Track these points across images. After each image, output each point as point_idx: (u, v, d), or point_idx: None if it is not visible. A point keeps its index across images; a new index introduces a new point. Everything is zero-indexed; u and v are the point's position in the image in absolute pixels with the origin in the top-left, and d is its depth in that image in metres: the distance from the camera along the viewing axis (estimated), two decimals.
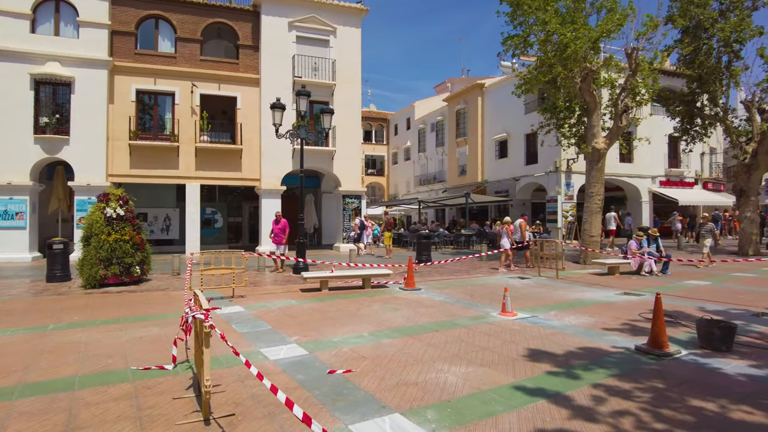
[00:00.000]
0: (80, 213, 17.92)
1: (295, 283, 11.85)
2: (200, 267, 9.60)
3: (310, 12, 20.81)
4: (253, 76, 20.40)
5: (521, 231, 15.04)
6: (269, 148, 20.06)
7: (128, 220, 11.66)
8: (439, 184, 36.32)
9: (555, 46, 15.09)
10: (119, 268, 11.25)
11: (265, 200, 19.98)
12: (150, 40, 19.65)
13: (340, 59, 21.08)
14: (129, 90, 18.89)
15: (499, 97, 30.10)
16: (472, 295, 10.02)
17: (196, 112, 19.54)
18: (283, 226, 14.08)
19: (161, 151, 19.05)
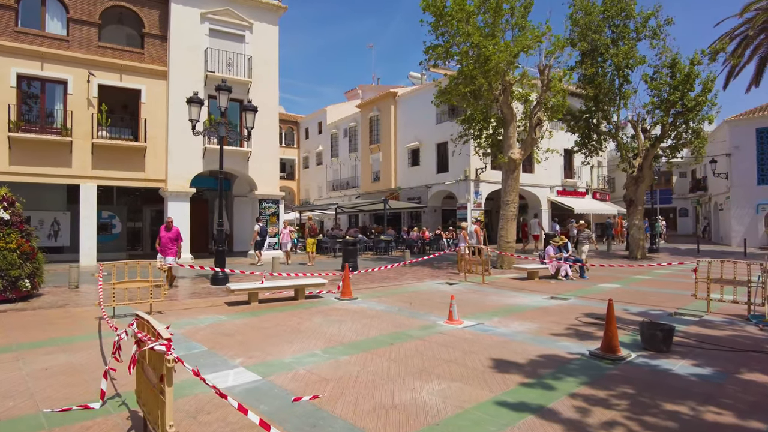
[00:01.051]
0: None
1: (217, 296, 10.91)
2: (112, 279, 8.39)
3: (225, 5, 19.61)
4: (160, 68, 18.72)
5: (477, 236, 15.33)
6: (177, 146, 18.52)
7: (15, 225, 10.00)
8: (352, 189, 36.11)
9: (477, 58, 15.57)
10: (3, 283, 9.58)
11: (171, 203, 18.36)
12: (35, 18, 17.23)
13: (256, 56, 20.08)
14: (8, 73, 16.40)
15: (412, 106, 30.68)
16: (411, 303, 9.86)
17: (94, 105, 17.48)
18: (176, 235, 11.78)
19: (50, 146, 16.75)
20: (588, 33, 19.58)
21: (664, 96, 19.13)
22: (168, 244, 11.63)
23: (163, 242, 11.65)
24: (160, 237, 11.74)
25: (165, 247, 11.65)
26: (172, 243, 11.68)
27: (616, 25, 19.76)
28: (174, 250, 11.68)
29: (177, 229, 11.92)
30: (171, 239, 11.66)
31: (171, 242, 11.66)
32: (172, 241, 11.68)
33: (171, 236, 11.67)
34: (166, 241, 11.63)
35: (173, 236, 11.71)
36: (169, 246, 11.64)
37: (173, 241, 11.69)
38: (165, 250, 11.63)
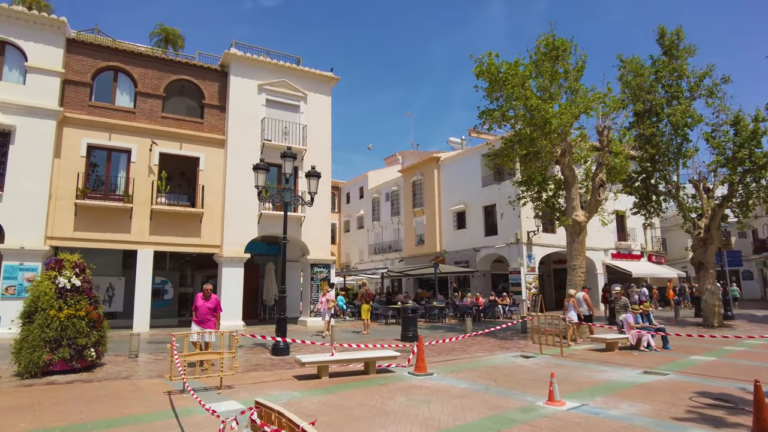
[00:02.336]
0: (8, 281, 15.40)
1: (282, 368, 10.35)
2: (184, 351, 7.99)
3: (281, 76, 20.38)
4: (219, 136, 19.30)
5: (586, 303, 14.45)
6: (233, 212, 18.67)
7: (85, 291, 9.86)
8: (395, 253, 35.66)
9: (532, 120, 15.41)
10: (70, 352, 9.30)
11: (226, 269, 18.25)
12: (107, 93, 18.19)
13: (310, 125, 20.55)
14: (79, 144, 17.12)
15: (455, 169, 30.68)
16: (495, 379, 9.03)
17: (154, 172, 17.96)
18: (215, 304, 10.24)
19: (112, 213, 17.10)
20: (641, 93, 19.35)
21: (729, 154, 18.40)
22: (206, 314, 10.12)
23: (201, 312, 10.10)
24: (197, 306, 10.17)
25: (203, 318, 10.09)
26: (211, 314, 10.18)
27: (668, 85, 19.50)
28: (213, 321, 10.15)
29: (216, 298, 10.40)
30: (210, 309, 10.16)
31: (210, 313, 10.15)
32: (211, 311, 10.18)
33: (210, 306, 10.17)
34: (205, 311, 10.11)
35: (212, 306, 10.21)
36: (208, 317, 10.12)
37: (212, 311, 10.20)
38: (203, 321, 10.06)
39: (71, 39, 17.57)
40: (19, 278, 15.58)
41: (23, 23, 16.61)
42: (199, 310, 10.10)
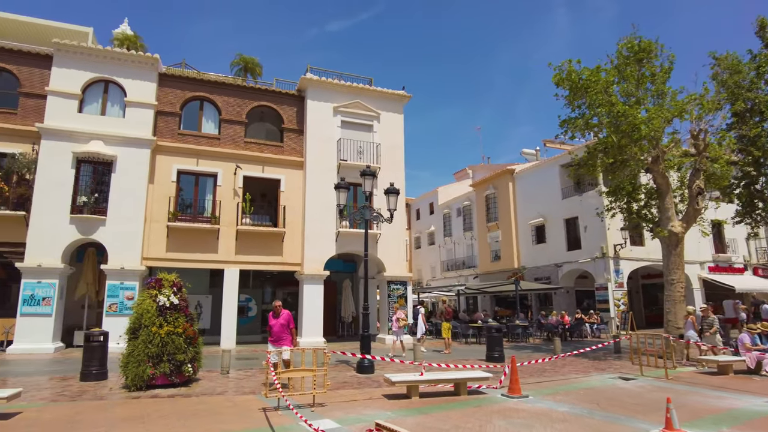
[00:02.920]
0: (111, 299, 16.57)
1: (368, 386, 10.25)
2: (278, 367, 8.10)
3: (354, 98, 20.78)
4: (297, 159, 19.93)
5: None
6: (312, 231, 19.11)
7: (182, 309, 10.33)
8: (469, 269, 34.96)
9: (617, 127, 14.57)
10: (170, 367, 9.73)
11: (307, 286, 18.64)
12: (194, 121, 19.38)
13: (384, 143, 20.74)
14: (170, 170, 18.29)
15: (532, 181, 29.73)
16: (597, 402, 8.41)
17: (239, 194, 18.80)
18: (287, 321, 10.12)
19: (200, 234, 18.04)
20: (740, 92, 17.77)
21: None
22: (281, 332, 10.07)
23: (275, 331, 10.08)
24: (271, 325, 10.16)
25: (278, 336, 10.07)
26: (285, 330, 10.13)
27: None
28: (289, 338, 10.10)
29: (288, 314, 10.25)
30: (283, 326, 10.10)
31: (284, 330, 10.11)
32: (285, 328, 10.12)
33: (282, 322, 10.09)
34: (279, 328, 10.06)
35: (284, 322, 10.11)
36: (283, 334, 10.10)
37: (285, 327, 10.14)
38: (278, 339, 10.04)
39: (162, 73, 18.93)
40: (120, 296, 16.73)
41: (123, 63, 18.13)
42: (273, 329, 10.07)
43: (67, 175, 16.82)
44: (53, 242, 16.31)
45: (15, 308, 17.70)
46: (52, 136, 16.87)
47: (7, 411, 7.77)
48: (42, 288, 16.05)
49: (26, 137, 16.97)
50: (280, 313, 10.09)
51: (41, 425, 7.04)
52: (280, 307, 10.16)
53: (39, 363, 13.71)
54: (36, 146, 16.89)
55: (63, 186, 16.69)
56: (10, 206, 16.22)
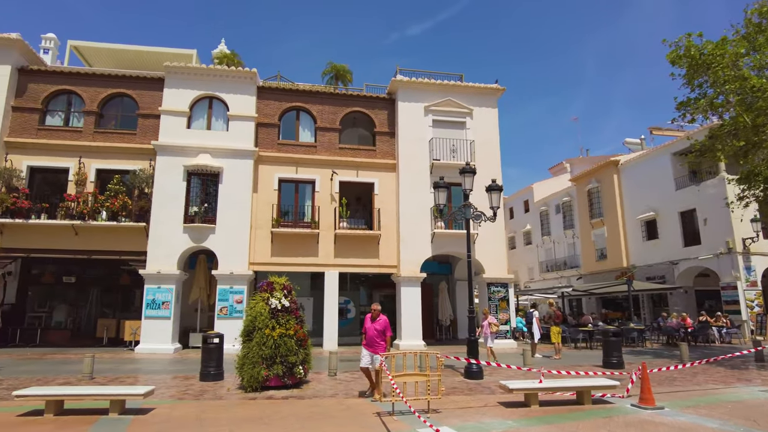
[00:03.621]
0: (221, 303, 17.52)
1: (480, 392, 9.79)
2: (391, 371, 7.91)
3: (446, 96, 20.40)
4: (390, 161, 19.95)
5: None
6: (407, 233, 18.99)
7: (292, 312, 10.54)
8: (571, 270, 33.05)
9: (759, 104, 12.82)
10: (282, 368, 9.93)
11: (404, 288, 18.54)
12: (292, 131, 20.08)
13: (478, 140, 20.13)
14: (272, 179, 19.06)
15: (640, 172, 27.44)
16: (756, 420, 7.31)
17: (336, 199, 19.17)
18: (383, 326, 9.31)
19: (301, 239, 18.60)
20: None
21: None
22: (375, 337, 9.26)
23: (370, 335, 9.32)
24: (366, 329, 9.41)
25: (372, 341, 9.26)
26: (381, 336, 9.27)
27: None
28: (383, 345, 9.25)
29: (385, 320, 9.41)
30: (379, 332, 9.26)
31: (379, 335, 9.26)
32: (380, 334, 9.27)
33: (378, 328, 9.27)
34: (373, 333, 9.28)
35: (381, 328, 9.28)
36: (377, 340, 9.25)
37: (381, 333, 9.29)
38: (372, 345, 9.23)
39: (260, 87, 19.81)
40: (230, 300, 17.64)
41: (225, 79, 19.21)
42: (367, 333, 9.36)
43: (179, 188, 18.10)
44: (170, 250, 17.59)
45: (139, 311, 19.39)
46: (165, 152, 18.24)
47: (143, 406, 8.33)
48: (162, 293, 17.35)
49: (144, 154, 18.51)
50: (378, 318, 9.38)
51: (173, 421, 7.41)
52: (378, 312, 9.47)
53: (162, 362, 14.77)
54: (152, 162, 18.36)
55: (176, 198, 17.97)
56: (132, 218, 17.72)
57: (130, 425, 7.19)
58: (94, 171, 18.29)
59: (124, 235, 17.70)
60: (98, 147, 18.38)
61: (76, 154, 18.23)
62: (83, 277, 20.79)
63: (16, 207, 17.07)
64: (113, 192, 17.51)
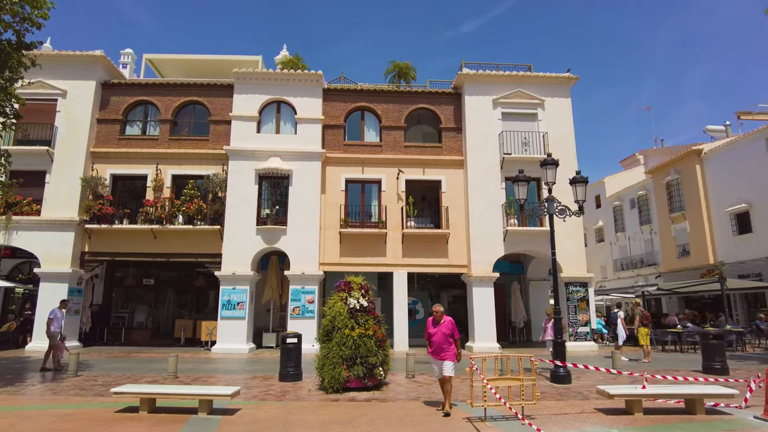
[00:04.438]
0: (294, 303, 17.66)
1: (573, 398, 9.14)
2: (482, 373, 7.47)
3: (515, 87, 19.62)
4: (457, 157, 19.41)
5: None
6: (478, 231, 18.37)
7: (370, 311, 10.32)
8: (648, 268, 31.07)
9: None
10: (363, 369, 9.72)
11: (476, 289, 17.92)
12: (357, 131, 20.02)
13: (551, 131, 19.19)
14: (339, 180, 19.05)
15: (727, 162, 25.31)
16: None
17: (402, 198, 18.88)
18: (450, 329, 8.03)
19: (369, 239, 18.46)
20: None
21: None
22: (442, 343, 7.99)
23: (435, 341, 8.05)
24: (430, 334, 8.20)
25: (438, 347, 8.01)
26: (447, 341, 8.00)
27: None
28: (452, 351, 7.96)
29: (451, 322, 8.13)
30: (445, 336, 8.00)
31: (446, 340, 8.00)
32: (447, 338, 8.00)
33: (444, 332, 8.01)
34: (440, 338, 8.02)
35: (447, 331, 8.01)
36: (444, 346, 7.98)
37: (448, 337, 8.01)
38: (439, 351, 7.99)
39: (325, 89, 19.86)
40: (302, 300, 17.76)
41: (292, 82, 19.42)
42: (432, 338, 8.13)
43: (251, 191, 18.44)
44: (244, 252, 17.95)
45: (213, 312, 19.97)
46: (237, 157, 18.66)
47: (229, 407, 8.35)
48: (236, 294, 17.72)
49: (217, 159, 19.03)
50: (442, 320, 8.14)
51: (260, 423, 7.33)
52: (441, 314, 8.21)
53: (238, 362, 15.02)
54: (225, 167, 18.83)
55: (249, 201, 18.33)
56: (207, 221, 18.24)
57: (220, 426, 7.18)
58: (170, 177, 19.00)
59: (199, 238, 18.25)
60: (173, 154, 19.08)
61: (154, 161, 19.02)
62: (161, 280, 21.70)
63: (102, 213, 18.01)
64: (188, 196, 18.10)
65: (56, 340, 12.74)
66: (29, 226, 17.78)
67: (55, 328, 12.72)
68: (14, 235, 17.76)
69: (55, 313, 13.00)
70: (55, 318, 12.88)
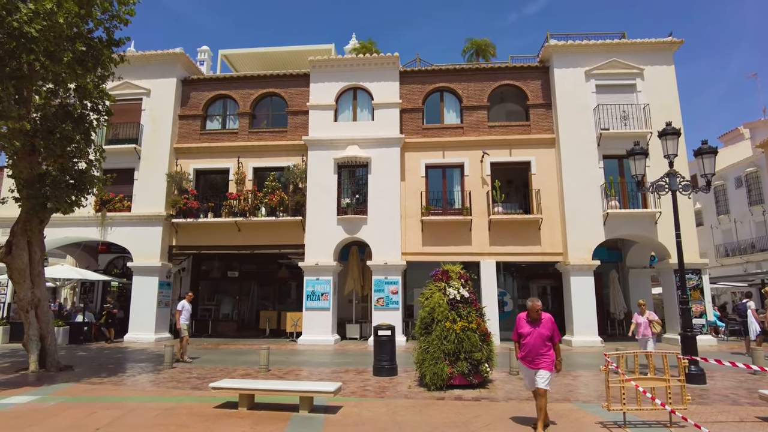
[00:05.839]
0: (377, 294, 17.11)
1: (715, 401, 7.83)
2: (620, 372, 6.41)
3: (609, 56, 17.83)
4: (548, 136, 17.94)
5: None
6: (574, 215, 16.86)
7: (472, 303, 9.43)
8: (761, 253, 27.76)
9: None
10: (467, 366, 8.87)
11: (574, 278, 16.47)
12: (436, 114, 19.05)
13: (653, 102, 17.25)
14: (419, 166, 18.22)
15: None
16: None
17: (487, 182, 17.73)
18: (550, 329, 6.23)
19: (452, 227, 17.50)
20: None
21: None
22: (538, 346, 6.16)
23: (529, 343, 6.21)
24: (521, 335, 6.38)
25: (532, 352, 6.19)
26: (545, 345, 6.17)
27: None
28: (550, 357, 6.15)
29: (550, 319, 6.32)
30: (543, 338, 6.18)
31: (543, 343, 6.16)
32: (545, 341, 6.18)
33: (543, 332, 6.19)
34: (535, 340, 6.17)
35: (547, 332, 6.20)
36: (541, 351, 6.15)
37: (546, 340, 6.18)
38: (533, 357, 6.19)
39: (401, 71, 19.03)
40: (385, 291, 17.16)
41: (368, 67, 18.79)
42: (527, 340, 6.26)
43: (330, 181, 18.05)
44: (325, 242, 17.61)
45: (295, 304, 19.86)
46: (316, 147, 18.32)
47: (330, 404, 7.81)
48: (320, 284, 17.43)
49: (296, 150, 18.80)
50: (540, 318, 6.27)
51: (368, 424, 6.70)
52: (539, 310, 6.30)
53: (325, 354, 14.67)
54: (304, 157, 18.56)
55: (328, 191, 17.95)
56: (289, 213, 18.06)
57: (326, 426, 6.62)
58: (251, 169, 19.02)
59: (282, 229, 18.12)
60: (253, 146, 19.07)
61: (235, 155, 19.11)
62: (244, 272, 21.95)
63: (187, 207, 18.32)
64: (270, 188, 18.00)
65: (185, 332, 12.86)
66: (121, 221, 18.43)
67: (184, 320, 12.81)
68: (109, 231, 18.48)
69: (184, 305, 13.09)
70: (184, 309, 12.99)
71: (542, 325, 6.25)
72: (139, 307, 17.89)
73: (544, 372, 6.11)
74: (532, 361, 6.20)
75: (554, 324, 6.32)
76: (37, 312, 11.29)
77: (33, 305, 11.21)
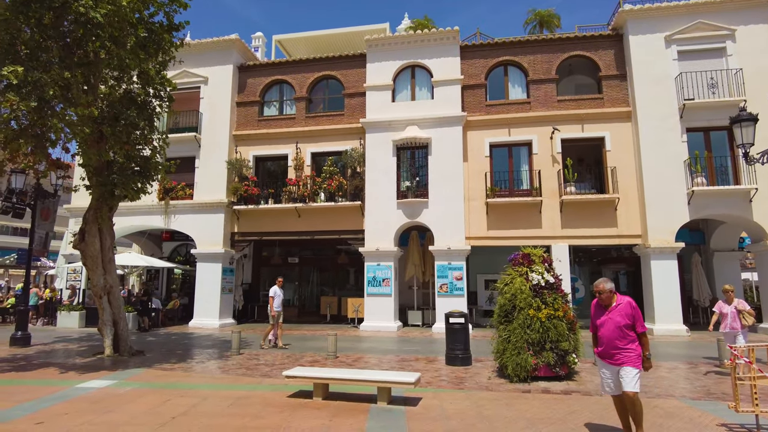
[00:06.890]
0: (441, 280, 16.50)
1: None
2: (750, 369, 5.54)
3: (694, 18, 16.16)
4: (623, 109, 16.57)
5: None
6: (654, 194, 15.52)
7: (557, 289, 8.67)
8: None
9: None
10: (554, 356, 8.15)
11: (655, 262, 15.17)
12: (500, 89, 18.02)
13: (746, 67, 15.51)
14: (482, 145, 17.33)
15: None
16: None
17: (558, 160, 16.62)
18: (630, 316, 5.05)
19: (520, 209, 16.55)
20: None
21: None
22: (615, 337, 5.06)
23: (607, 335, 5.12)
24: (597, 325, 5.29)
25: (610, 345, 5.10)
26: (625, 335, 5.04)
27: None
28: (634, 351, 5.01)
29: (630, 303, 5.15)
30: (620, 327, 5.05)
31: (621, 333, 5.04)
32: (623, 330, 5.04)
33: (618, 320, 5.07)
34: (611, 330, 5.09)
35: (623, 320, 5.06)
36: (619, 343, 5.04)
37: (625, 330, 5.04)
38: (611, 351, 5.10)
39: (462, 46, 18.10)
40: (449, 277, 16.52)
41: (426, 43, 17.99)
42: (600, 331, 5.23)
43: (389, 163, 17.51)
44: (385, 227, 17.14)
45: (354, 289, 19.59)
46: (373, 129, 17.80)
47: (408, 395, 7.33)
48: (381, 270, 17.01)
49: (354, 134, 18.35)
50: (613, 302, 5.19)
51: (454, 419, 6.16)
52: (610, 293, 5.20)
53: (390, 341, 14.26)
54: (362, 140, 18.08)
55: (387, 174, 17.42)
56: (348, 198, 17.69)
57: (408, 420, 6.13)
58: (309, 155, 18.75)
59: (341, 214, 17.80)
60: (311, 131, 18.78)
61: (293, 140, 18.89)
62: (304, 258, 21.90)
63: (248, 194, 18.32)
64: (328, 173, 17.67)
65: (280, 317, 12.75)
66: (184, 209, 18.67)
67: (277, 305, 12.65)
68: (172, 219, 18.77)
69: (275, 291, 12.91)
70: (276, 295, 12.80)
71: (617, 311, 5.11)
72: (203, 293, 18.11)
73: (630, 369, 4.92)
74: (611, 357, 5.09)
75: (635, 309, 5.11)
76: (110, 298, 11.47)
77: (105, 291, 11.39)
